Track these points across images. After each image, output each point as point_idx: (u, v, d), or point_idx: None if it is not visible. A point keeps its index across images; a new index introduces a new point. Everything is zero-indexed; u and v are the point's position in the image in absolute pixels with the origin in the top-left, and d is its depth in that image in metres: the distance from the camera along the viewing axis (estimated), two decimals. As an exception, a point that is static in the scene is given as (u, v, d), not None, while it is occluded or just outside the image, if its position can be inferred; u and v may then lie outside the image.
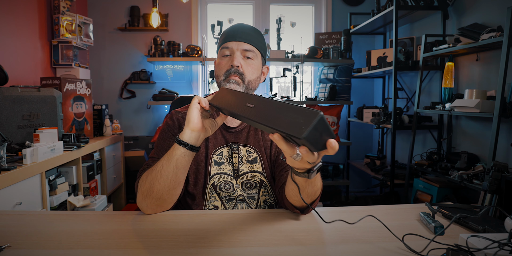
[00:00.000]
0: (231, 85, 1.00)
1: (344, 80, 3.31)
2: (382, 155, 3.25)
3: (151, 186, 0.86)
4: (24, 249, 0.71)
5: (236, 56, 1.01)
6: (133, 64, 3.40)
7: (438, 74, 2.61)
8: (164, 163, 0.85)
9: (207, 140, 1.06)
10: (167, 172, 0.85)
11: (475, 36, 1.95)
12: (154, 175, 0.86)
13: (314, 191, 0.84)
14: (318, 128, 0.56)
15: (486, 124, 2.16)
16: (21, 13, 2.41)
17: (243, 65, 1.02)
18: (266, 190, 1.06)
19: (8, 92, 1.81)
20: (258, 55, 1.05)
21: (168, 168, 0.85)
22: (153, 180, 0.86)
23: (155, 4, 3.07)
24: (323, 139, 0.60)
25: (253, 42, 1.03)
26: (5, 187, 1.39)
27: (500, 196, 1.61)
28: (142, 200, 0.89)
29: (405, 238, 0.75)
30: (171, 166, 0.85)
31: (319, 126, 0.56)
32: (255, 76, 1.05)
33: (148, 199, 0.88)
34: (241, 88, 1.02)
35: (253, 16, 3.56)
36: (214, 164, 1.05)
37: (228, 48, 1.03)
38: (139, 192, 0.90)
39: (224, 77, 1.02)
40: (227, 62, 1.03)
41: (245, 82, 1.02)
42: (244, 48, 1.02)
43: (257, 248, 0.73)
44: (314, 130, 0.56)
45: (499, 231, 0.76)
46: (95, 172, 2.38)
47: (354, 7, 3.55)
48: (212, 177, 1.04)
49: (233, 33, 1.03)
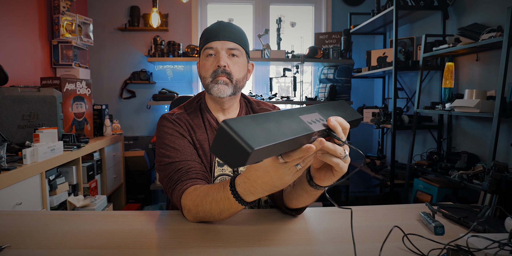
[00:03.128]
0: (219, 86, 0.98)
1: (344, 80, 3.31)
2: (382, 155, 3.25)
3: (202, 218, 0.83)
4: (24, 249, 0.71)
5: (221, 55, 0.98)
6: (133, 64, 3.40)
7: (438, 74, 2.61)
8: (219, 212, 0.78)
9: (208, 140, 1.04)
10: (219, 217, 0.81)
11: (475, 36, 1.95)
12: (206, 216, 0.81)
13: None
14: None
15: (486, 124, 2.16)
16: (21, 13, 2.41)
17: (230, 65, 0.99)
18: None
19: (8, 92, 1.81)
20: (243, 53, 1.03)
21: (221, 216, 0.80)
22: (204, 217, 0.82)
23: (155, 4, 3.07)
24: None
25: (237, 39, 1.01)
26: (5, 187, 1.39)
27: (500, 196, 1.60)
28: (189, 217, 0.86)
29: (405, 238, 0.74)
30: (224, 215, 0.80)
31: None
32: (242, 75, 1.03)
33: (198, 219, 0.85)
34: (230, 88, 0.99)
35: (253, 16, 3.56)
36: (217, 165, 1.03)
37: (212, 48, 0.99)
38: (187, 214, 0.86)
39: (211, 78, 0.99)
40: (212, 63, 1.00)
41: (233, 81, 1.00)
42: (228, 47, 0.99)
43: (257, 248, 0.73)
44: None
45: (499, 231, 0.76)
46: (95, 172, 2.38)
47: (354, 7, 3.55)
48: (216, 179, 1.03)
49: (215, 32, 1.00)
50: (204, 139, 1.02)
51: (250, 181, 0.68)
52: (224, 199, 0.74)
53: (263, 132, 0.49)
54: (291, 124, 0.55)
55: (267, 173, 0.63)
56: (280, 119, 0.54)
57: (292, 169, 0.61)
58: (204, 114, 1.07)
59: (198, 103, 1.10)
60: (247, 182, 0.68)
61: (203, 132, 1.03)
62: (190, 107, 1.09)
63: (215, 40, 0.99)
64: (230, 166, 0.50)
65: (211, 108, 1.08)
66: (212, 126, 1.05)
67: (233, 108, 1.09)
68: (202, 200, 0.79)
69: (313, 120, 0.60)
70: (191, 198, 0.82)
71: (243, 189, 0.70)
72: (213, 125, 1.05)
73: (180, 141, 0.98)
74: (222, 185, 0.76)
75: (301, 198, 0.80)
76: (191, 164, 0.94)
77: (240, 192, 0.71)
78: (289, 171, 0.61)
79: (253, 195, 0.70)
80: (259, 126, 0.50)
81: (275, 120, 0.53)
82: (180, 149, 0.96)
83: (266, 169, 0.63)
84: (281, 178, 0.62)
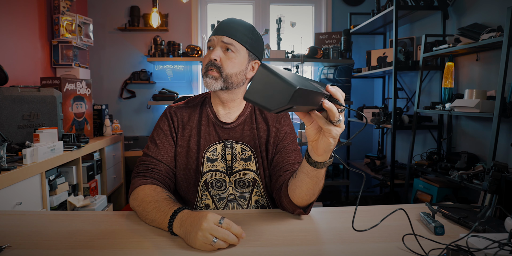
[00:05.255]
0: (207, 79, 1.00)
1: (344, 80, 3.31)
2: (382, 155, 3.25)
3: (139, 215, 0.91)
4: (24, 249, 0.71)
5: (215, 49, 1.00)
6: (133, 64, 3.40)
7: (438, 74, 2.61)
8: (150, 221, 0.86)
9: (199, 136, 1.05)
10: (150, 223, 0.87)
11: (475, 36, 1.95)
12: (141, 215, 0.89)
13: (320, 188, 0.86)
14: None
15: (486, 124, 2.16)
16: (21, 13, 2.41)
17: (222, 58, 1.00)
18: (259, 191, 1.06)
19: (8, 92, 1.81)
20: (240, 49, 1.01)
21: (148, 221, 0.87)
22: (141, 216, 0.89)
23: (155, 4, 3.07)
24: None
25: (235, 35, 1.00)
26: (5, 187, 1.39)
27: (500, 196, 1.60)
28: (132, 206, 0.94)
29: (405, 238, 0.75)
30: (151, 224, 0.86)
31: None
32: (235, 70, 1.01)
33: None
34: (219, 82, 1.00)
35: (253, 16, 3.56)
36: (207, 161, 1.04)
37: (210, 41, 1.02)
38: (132, 201, 0.94)
39: (204, 70, 1.01)
40: (208, 56, 1.02)
41: (223, 75, 0.99)
42: (223, 40, 0.99)
43: (257, 248, 0.73)
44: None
45: (499, 231, 0.76)
46: (95, 172, 2.38)
47: (354, 7, 3.55)
48: (205, 174, 1.04)
49: (218, 27, 1.02)
50: (194, 135, 1.06)
51: (185, 226, 0.76)
52: (161, 220, 0.81)
53: (295, 80, 0.55)
54: (309, 84, 0.62)
55: (195, 230, 0.72)
56: (301, 78, 0.62)
57: (209, 239, 0.70)
58: (204, 108, 1.09)
59: (203, 98, 1.12)
60: (181, 226, 0.76)
61: (194, 128, 1.07)
62: (193, 101, 1.12)
63: (214, 34, 1.01)
64: (270, 108, 0.55)
65: (213, 102, 1.09)
66: (209, 120, 1.07)
67: (235, 103, 1.08)
68: (149, 203, 0.87)
69: (318, 87, 0.66)
70: (144, 193, 0.92)
71: (176, 229, 0.78)
72: (211, 119, 1.07)
73: (163, 138, 1.05)
74: (164, 212, 0.82)
75: (304, 183, 0.83)
76: (159, 165, 1.02)
77: (174, 228, 0.78)
78: (207, 240, 0.70)
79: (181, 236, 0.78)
80: (290, 76, 0.56)
81: (299, 77, 0.61)
82: (159, 145, 1.04)
83: (200, 221, 0.73)
84: (198, 239, 0.71)
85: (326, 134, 0.70)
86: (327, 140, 0.71)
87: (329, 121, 0.69)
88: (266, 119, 1.09)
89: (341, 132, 0.72)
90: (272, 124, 1.08)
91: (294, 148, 1.06)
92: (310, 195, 0.86)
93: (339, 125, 0.70)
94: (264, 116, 1.09)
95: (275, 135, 1.07)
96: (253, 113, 1.09)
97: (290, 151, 1.04)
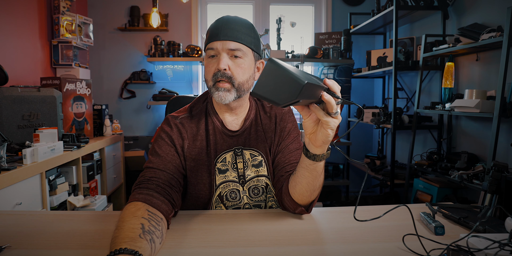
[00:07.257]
0: (220, 93, 0.91)
1: (344, 80, 3.31)
2: (382, 155, 3.25)
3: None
4: (24, 249, 0.71)
5: (222, 57, 0.90)
6: (133, 64, 3.40)
7: (438, 74, 2.61)
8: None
9: (208, 146, 0.99)
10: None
11: (475, 36, 1.95)
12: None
13: (320, 183, 0.86)
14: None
15: (486, 124, 2.16)
16: (21, 13, 2.41)
17: (231, 67, 0.91)
18: (271, 195, 1.03)
19: (8, 92, 1.81)
20: (247, 52, 0.94)
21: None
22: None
23: (155, 4, 3.07)
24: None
25: (240, 38, 0.91)
26: (5, 187, 1.39)
27: (500, 196, 1.60)
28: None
29: (405, 238, 0.75)
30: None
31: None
32: (246, 77, 0.94)
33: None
34: (232, 93, 0.92)
35: (253, 16, 3.56)
36: (219, 172, 0.98)
37: (213, 49, 0.92)
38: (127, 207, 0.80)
39: (212, 82, 0.93)
40: (213, 65, 0.93)
41: (235, 85, 0.92)
42: (229, 47, 0.90)
43: (257, 248, 0.73)
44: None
45: (500, 231, 0.76)
46: (95, 172, 2.38)
47: (354, 7, 3.55)
48: (218, 188, 0.99)
49: (216, 30, 0.92)
50: (204, 146, 0.98)
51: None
52: (111, 246, 0.67)
53: (302, 74, 0.57)
54: (311, 77, 0.64)
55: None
56: (303, 72, 0.63)
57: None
58: (209, 117, 1.02)
59: (205, 104, 1.04)
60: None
61: (203, 139, 0.99)
62: (196, 108, 1.04)
63: (215, 40, 0.92)
64: (278, 102, 0.56)
65: (217, 109, 1.02)
66: (216, 129, 1.00)
67: (242, 108, 1.03)
68: (118, 222, 0.73)
69: (317, 80, 0.68)
70: (124, 213, 0.77)
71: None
72: (218, 128, 1.00)
73: (166, 148, 0.95)
74: (114, 241, 0.67)
75: (304, 178, 0.84)
76: (158, 173, 0.89)
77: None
78: None
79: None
80: (297, 71, 0.58)
81: (301, 71, 0.63)
82: (162, 155, 0.93)
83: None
84: None
85: (325, 125, 0.72)
86: (326, 132, 0.74)
87: (327, 113, 0.72)
88: (270, 119, 1.05)
89: (338, 124, 0.75)
90: (278, 122, 1.05)
91: (297, 147, 1.03)
92: (311, 191, 0.86)
93: (337, 117, 0.72)
94: (269, 115, 1.06)
95: (280, 135, 1.04)
96: (258, 115, 1.05)
97: (292, 150, 1.01)
